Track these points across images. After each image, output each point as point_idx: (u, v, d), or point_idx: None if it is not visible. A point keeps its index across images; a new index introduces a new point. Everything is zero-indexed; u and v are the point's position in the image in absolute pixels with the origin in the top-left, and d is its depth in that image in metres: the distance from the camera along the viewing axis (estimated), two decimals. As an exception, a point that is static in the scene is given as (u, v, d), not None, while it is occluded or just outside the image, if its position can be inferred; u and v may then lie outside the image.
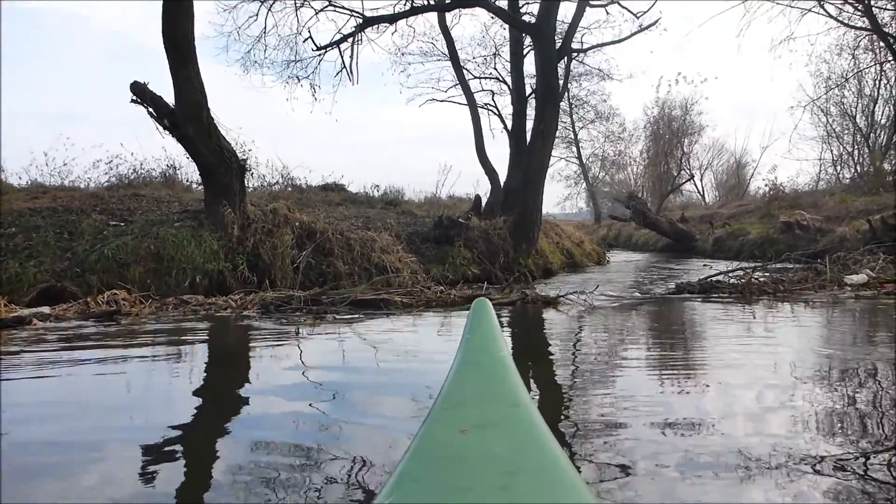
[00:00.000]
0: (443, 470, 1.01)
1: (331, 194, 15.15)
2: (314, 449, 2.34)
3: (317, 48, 11.97)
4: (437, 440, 1.12)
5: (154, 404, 3.12)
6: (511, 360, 1.45)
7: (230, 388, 3.46)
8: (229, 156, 8.81)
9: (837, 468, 2.08)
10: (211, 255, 8.49)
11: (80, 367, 3.82)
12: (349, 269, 9.35)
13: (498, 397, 1.28)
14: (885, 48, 14.97)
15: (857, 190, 20.34)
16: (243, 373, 3.88)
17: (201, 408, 3.04)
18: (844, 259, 8.16)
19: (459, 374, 1.40)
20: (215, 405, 3.09)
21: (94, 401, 3.16)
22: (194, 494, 2.04)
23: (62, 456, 2.33)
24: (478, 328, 1.64)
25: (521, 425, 1.16)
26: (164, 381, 3.59)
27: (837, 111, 25.75)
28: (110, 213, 9.31)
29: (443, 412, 1.23)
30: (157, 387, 3.47)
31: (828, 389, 3.10)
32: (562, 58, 12.88)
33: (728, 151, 38.13)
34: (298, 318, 5.50)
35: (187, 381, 3.61)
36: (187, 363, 4.11)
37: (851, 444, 2.32)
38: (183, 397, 3.23)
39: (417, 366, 3.96)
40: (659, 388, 3.23)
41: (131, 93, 8.48)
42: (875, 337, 4.81)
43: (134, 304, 5.65)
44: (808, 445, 2.29)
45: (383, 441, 2.46)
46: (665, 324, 5.73)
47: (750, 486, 1.96)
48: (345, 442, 2.43)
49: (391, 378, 3.65)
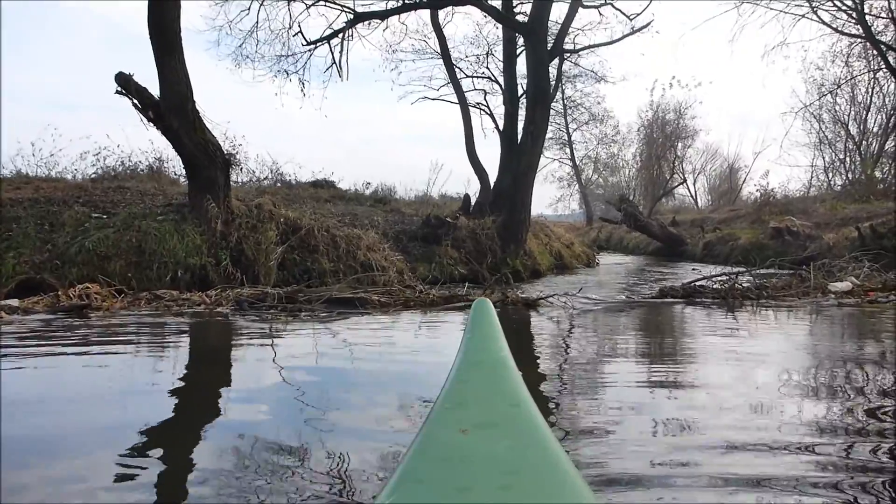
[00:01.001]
0: (444, 470, 1.01)
1: (320, 191, 15.06)
2: (296, 448, 2.31)
3: (307, 43, 11.91)
4: (438, 440, 1.12)
5: (120, 403, 3.04)
6: (512, 359, 1.44)
7: (203, 388, 3.39)
8: (214, 149, 8.72)
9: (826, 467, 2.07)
10: (193, 250, 8.39)
11: (31, 362, 3.73)
12: (334, 266, 9.28)
13: (499, 397, 1.28)
14: (878, 56, 14.97)
15: (847, 197, 20.40)
16: (217, 371, 3.81)
17: (179, 406, 2.97)
18: (829, 266, 8.13)
19: (460, 374, 1.39)
20: (191, 405, 3.02)
21: (55, 396, 3.08)
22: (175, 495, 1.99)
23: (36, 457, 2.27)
24: (478, 328, 1.64)
25: (523, 425, 1.16)
26: (123, 380, 3.51)
27: (830, 118, 25.83)
28: (93, 205, 9.20)
29: (444, 412, 1.22)
30: (120, 386, 3.39)
31: (810, 396, 3.06)
32: (553, 58, 12.82)
33: (721, 156, 38.30)
34: (272, 316, 5.43)
35: (150, 380, 3.52)
36: (152, 361, 4.02)
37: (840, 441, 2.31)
38: (149, 396, 3.15)
39: (395, 366, 3.90)
40: (642, 392, 3.18)
41: (116, 84, 8.37)
42: (854, 341, 4.78)
43: (105, 299, 5.55)
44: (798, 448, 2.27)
45: (367, 443, 2.42)
46: (644, 329, 5.68)
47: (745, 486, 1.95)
48: (329, 441, 2.38)
49: (371, 377, 3.59)
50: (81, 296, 5.41)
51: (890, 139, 23.49)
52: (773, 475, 2.00)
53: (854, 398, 3.03)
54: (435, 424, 1.17)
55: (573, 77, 27.47)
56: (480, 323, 1.66)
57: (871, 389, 3.23)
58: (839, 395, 3.10)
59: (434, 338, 5.06)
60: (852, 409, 2.81)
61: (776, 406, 2.81)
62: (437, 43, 15.46)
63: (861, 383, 3.37)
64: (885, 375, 3.56)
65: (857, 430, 2.50)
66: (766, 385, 3.24)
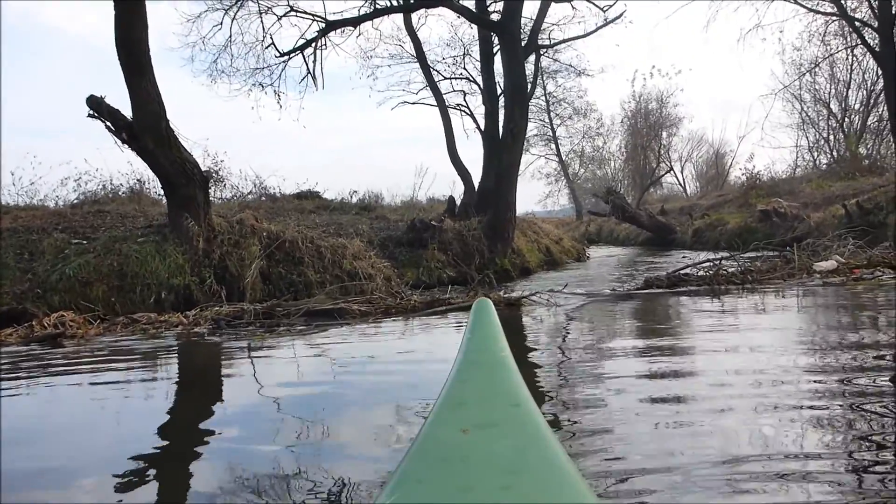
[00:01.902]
0: (444, 470, 1.01)
1: (304, 202, 14.98)
2: (292, 468, 2.27)
3: (280, 55, 11.84)
4: (439, 440, 1.12)
5: (106, 432, 2.97)
6: (512, 359, 1.44)
7: (190, 412, 3.32)
8: (191, 167, 8.63)
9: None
10: (176, 270, 8.31)
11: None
12: (320, 277, 9.19)
13: (499, 397, 1.28)
14: (854, 33, 15.00)
15: (833, 175, 20.43)
16: (198, 395, 3.74)
17: (168, 433, 2.89)
18: (814, 246, 8.11)
19: (461, 374, 1.39)
20: (181, 431, 2.94)
21: (29, 431, 3.01)
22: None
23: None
24: (479, 328, 1.64)
25: (523, 425, 1.16)
26: (104, 410, 3.43)
27: (811, 97, 25.89)
28: (73, 230, 9.11)
29: (444, 412, 1.23)
30: (103, 415, 3.32)
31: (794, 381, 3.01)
32: (529, 55, 12.79)
33: (707, 143, 38.39)
34: (249, 333, 5.34)
35: (136, 407, 3.45)
36: (135, 388, 3.94)
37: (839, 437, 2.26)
38: (138, 423, 3.08)
39: (381, 378, 3.84)
40: (633, 385, 3.13)
41: (88, 107, 8.30)
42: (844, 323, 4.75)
43: (81, 326, 5.47)
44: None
45: (367, 463, 2.35)
46: (630, 322, 5.64)
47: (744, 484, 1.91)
48: (326, 461, 2.33)
49: (358, 392, 3.53)
50: (56, 324, 5.31)
51: (872, 115, 23.56)
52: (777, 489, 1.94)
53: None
54: (435, 424, 1.18)
55: (554, 73, 27.43)
56: (481, 323, 1.66)
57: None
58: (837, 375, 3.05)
59: (417, 345, 4.99)
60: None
61: (777, 404, 2.72)
62: (412, 47, 15.45)
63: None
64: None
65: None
66: (763, 378, 3.16)
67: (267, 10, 11.92)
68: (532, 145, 36.37)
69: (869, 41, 14.06)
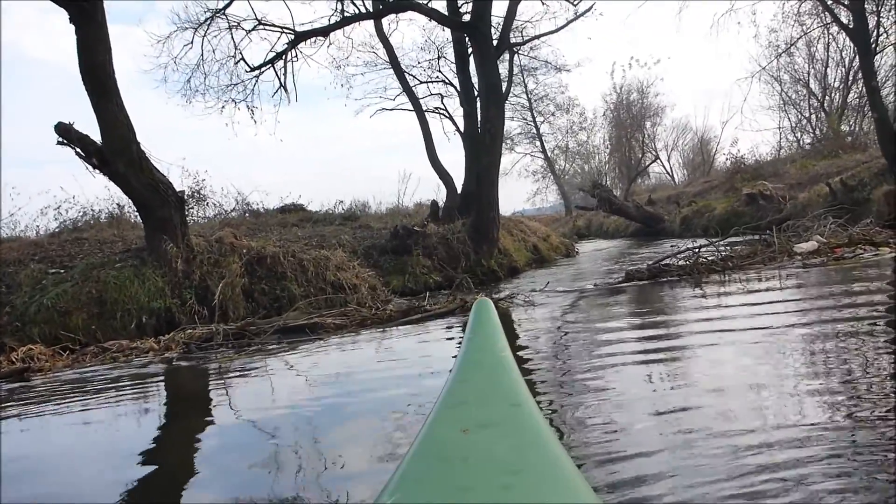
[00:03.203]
0: (445, 469, 1.01)
1: (288, 216, 14.88)
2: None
3: (250, 69, 11.75)
4: (439, 440, 1.12)
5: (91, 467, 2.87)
6: (513, 359, 1.44)
7: (172, 442, 3.23)
8: (165, 188, 8.53)
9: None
10: (156, 293, 8.21)
11: None
12: (304, 290, 9.08)
13: (500, 397, 1.28)
14: (825, 11, 15.01)
15: (817, 154, 20.44)
16: (171, 424, 3.65)
17: (155, 465, 2.81)
18: (794, 227, 8.06)
19: (461, 374, 1.40)
20: (168, 462, 2.85)
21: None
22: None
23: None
24: (479, 328, 1.63)
25: (523, 425, 1.16)
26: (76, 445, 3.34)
27: (790, 78, 25.93)
28: (50, 260, 8.99)
29: (445, 412, 1.23)
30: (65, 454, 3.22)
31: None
32: (501, 53, 12.73)
33: (692, 130, 38.42)
34: (221, 355, 5.22)
35: (117, 440, 3.35)
36: (109, 420, 3.85)
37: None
38: (122, 458, 2.98)
39: (351, 395, 3.75)
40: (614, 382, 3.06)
41: (56, 134, 8.20)
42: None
43: (49, 358, 5.36)
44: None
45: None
46: (609, 315, 5.56)
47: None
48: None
49: (334, 408, 3.45)
50: (24, 359, 5.21)
51: (852, 92, 23.60)
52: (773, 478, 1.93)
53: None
54: (435, 424, 1.18)
55: (534, 70, 27.44)
56: (481, 323, 1.65)
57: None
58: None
59: (393, 356, 4.90)
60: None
61: (776, 399, 2.70)
62: (386, 53, 15.37)
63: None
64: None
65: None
66: (757, 376, 3.11)
67: (236, 25, 11.83)
68: (517, 143, 36.44)
69: (843, 19, 14.06)
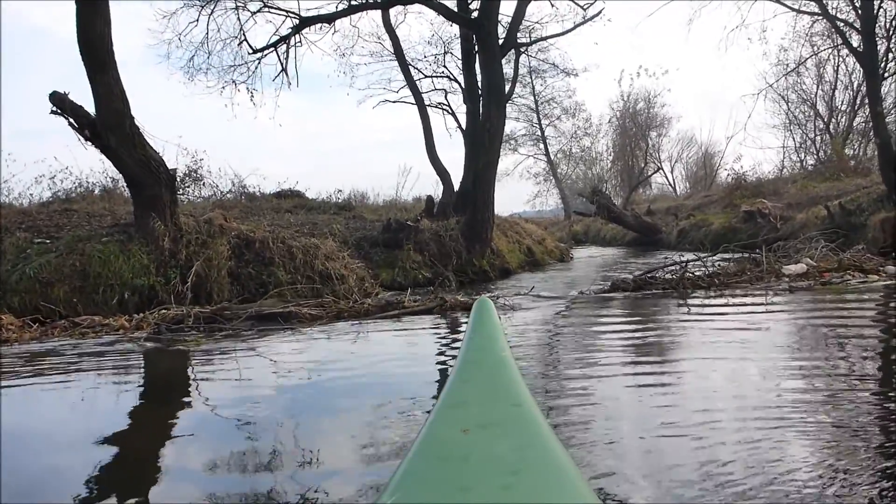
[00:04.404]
0: (445, 469, 1.01)
1: (284, 201, 14.81)
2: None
3: (253, 51, 11.68)
4: (440, 440, 1.12)
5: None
6: (513, 359, 1.44)
7: (134, 432, 3.15)
8: (157, 166, 8.46)
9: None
10: (141, 270, 8.14)
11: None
12: (291, 277, 9.02)
13: (500, 397, 1.28)
14: (837, 33, 14.93)
15: (818, 176, 20.38)
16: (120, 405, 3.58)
17: (124, 454, 2.71)
18: (785, 248, 8.00)
19: (461, 374, 1.40)
20: (131, 453, 2.74)
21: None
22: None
23: None
24: (479, 328, 1.63)
25: (524, 425, 1.16)
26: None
27: (798, 98, 25.85)
28: (37, 229, 8.92)
29: (445, 412, 1.23)
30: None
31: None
32: (506, 53, 12.66)
33: (697, 143, 38.33)
34: (192, 338, 5.15)
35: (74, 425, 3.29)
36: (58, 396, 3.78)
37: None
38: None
39: (313, 387, 3.69)
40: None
41: (50, 103, 8.13)
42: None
43: (18, 329, 5.30)
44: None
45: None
46: (584, 325, 5.50)
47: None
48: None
49: (294, 401, 3.39)
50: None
51: (858, 116, 23.52)
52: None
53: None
54: (436, 424, 1.18)
55: (541, 72, 27.36)
56: (481, 323, 1.65)
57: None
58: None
59: (366, 353, 4.83)
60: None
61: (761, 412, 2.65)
62: (392, 45, 15.26)
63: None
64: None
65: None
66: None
67: (242, 5, 11.75)
68: (521, 145, 36.36)
69: (853, 42, 14.00)
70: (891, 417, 2.48)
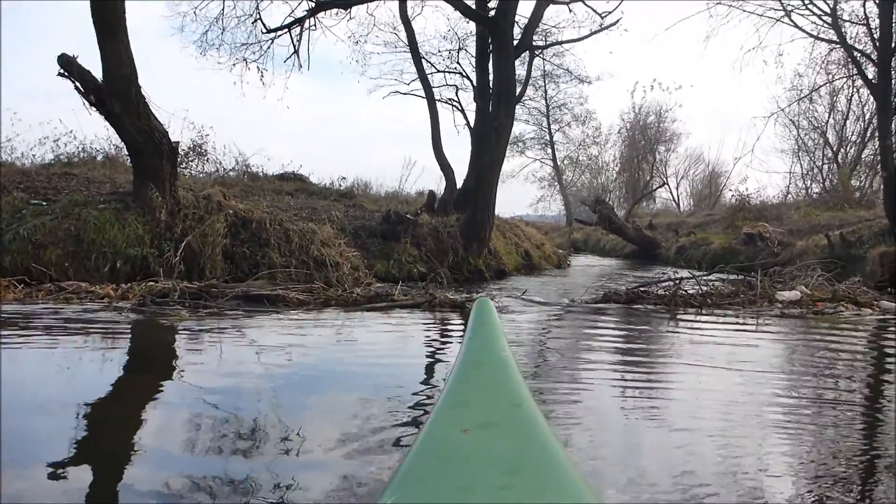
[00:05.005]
0: (445, 469, 1.01)
1: (286, 184, 14.77)
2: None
3: (267, 31, 11.63)
4: (440, 439, 1.12)
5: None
6: (513, 359, 1.43)
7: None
8: (160, 137, 8.42)
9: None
10: (135, 240, 8.12)
11: None
12: (286, 260, 8.99)
13: (500, 397, 1.28)
14: (852, 63, 14.88)
15: (822, 205, 20.32)
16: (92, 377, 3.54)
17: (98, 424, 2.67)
18: (780, 274, 7.97)
19: (461, 374, 1.40)
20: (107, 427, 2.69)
21: None
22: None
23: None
24: (480, 328, 1.63)
25: (523, 425, 1.16)
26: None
27: (809, 125, 25.77)
28: (34, 191, 8.90)
29: (445, 412, 1.23)
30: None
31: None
32: (520, 54, 12.61)
33: (704, 161, 38.26)
34: (175, 313, 5.10)
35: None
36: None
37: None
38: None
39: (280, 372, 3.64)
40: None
41: (58, 65, 8.09)
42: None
43: (2, 289, 5.26)
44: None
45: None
46: (567, 338, 5.46)
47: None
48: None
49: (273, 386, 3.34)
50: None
51: (867, 148, 23.45)
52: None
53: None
54: (436, 424, 1.18)
55: (556, 77, 27.30)
56: (481, 323, 1.65)
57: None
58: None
59: (348, 342, 4.80)
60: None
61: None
62: (406, 37, 15.20)
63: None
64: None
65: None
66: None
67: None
68: (528, 147, 36.30)
69: (868, 73, 13.95)
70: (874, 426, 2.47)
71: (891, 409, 3.02)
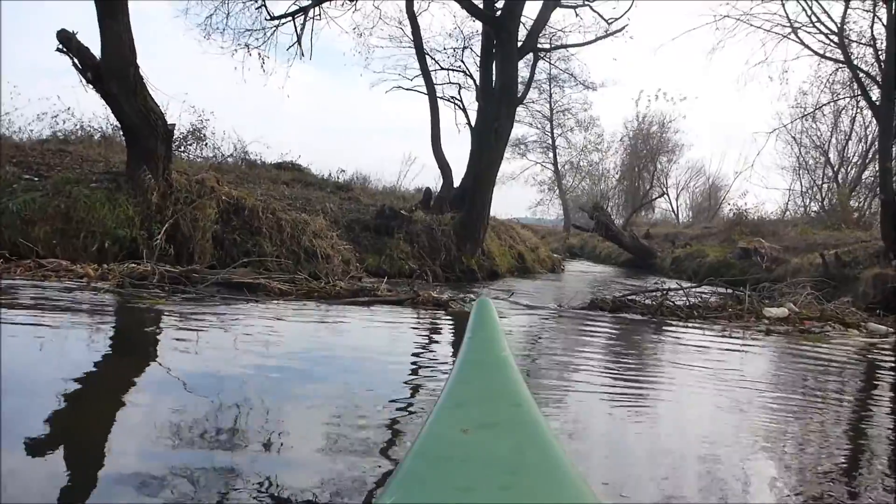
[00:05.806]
0: (445, 469, 1.01)
1: (282, 173, 14.71)
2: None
3: (270, 18, 11.58)
4: (440, 439, 1.13)
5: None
6: (513, 359, 1.44)
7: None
8: (155, 118, 8.37)
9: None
10: (125, 221, 8.06)
11: None
12: (276, 250, 8.94)
13: (500, 397, 1.28)
14: (856, 83, 14.86)
15: (819, 223, 20.32)
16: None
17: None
18: (769, 290, 7.94)
19: (462, 374, 1.40)
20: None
21: None
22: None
23: None
24: (480, 328, 1.63)
25: (524, 425, 1.17)
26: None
27: (811, 143, 25.76)
28: (27, 165, 8.84)
29: (445, 412, 1.23)
30: None
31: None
32: (524, 55, 12.57)
33: (705, 174, 38.27)
34: (153, 296, 5.04)
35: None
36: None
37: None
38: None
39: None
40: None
41: (57, 41, 8.03)
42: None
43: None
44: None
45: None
46: (552, 340, 5.42)
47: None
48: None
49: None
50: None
51: (868, 170, 23.43)
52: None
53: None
54: (436, 424, 1.18)
55: (561, 81, 27.27)
56: (482, 323, 1.65)
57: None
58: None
59: (331, 336, 4.76)
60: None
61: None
62: (411, 31, 15.16)
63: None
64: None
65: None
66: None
67: (265, -31, 11.63)
68: (530, 150, 36.26)
69: (872, 95, 13.92)
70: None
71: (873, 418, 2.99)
